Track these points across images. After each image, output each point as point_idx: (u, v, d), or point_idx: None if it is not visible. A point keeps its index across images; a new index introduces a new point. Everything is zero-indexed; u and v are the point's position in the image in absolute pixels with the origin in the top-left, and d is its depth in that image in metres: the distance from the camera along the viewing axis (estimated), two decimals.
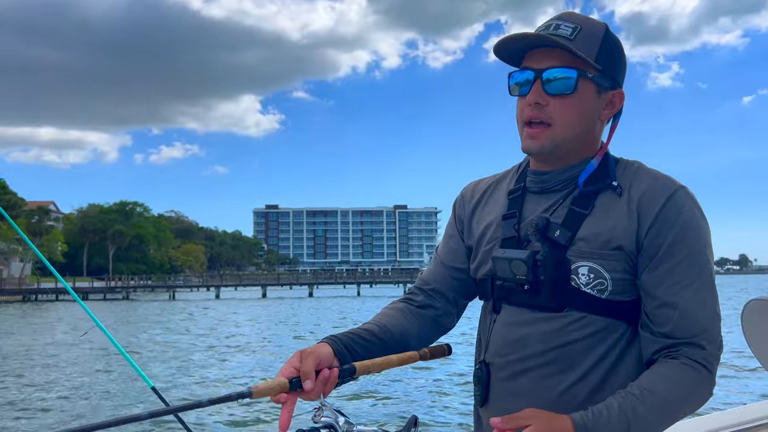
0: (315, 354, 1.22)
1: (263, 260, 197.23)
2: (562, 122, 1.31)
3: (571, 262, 1.29)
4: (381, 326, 1.40)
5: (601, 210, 1.31)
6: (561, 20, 1.34)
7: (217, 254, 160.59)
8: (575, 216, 1.32)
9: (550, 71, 1.31)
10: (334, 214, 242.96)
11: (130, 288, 79.85)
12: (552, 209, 1.35)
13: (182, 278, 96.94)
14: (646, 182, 1.31)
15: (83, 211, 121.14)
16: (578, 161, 1.36)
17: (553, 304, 1.30)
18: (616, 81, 1.36)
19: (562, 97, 1.31)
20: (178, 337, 26.07)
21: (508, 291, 1.36)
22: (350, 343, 1.31)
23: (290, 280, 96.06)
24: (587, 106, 1.33)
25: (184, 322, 34.92)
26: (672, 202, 1.28)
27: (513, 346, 1.34)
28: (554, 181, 1.37)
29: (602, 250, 1.28)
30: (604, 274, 1.28)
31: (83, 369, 17.27)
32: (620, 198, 1.31)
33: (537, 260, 1.30)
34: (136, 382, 14.01)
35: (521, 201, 1.41)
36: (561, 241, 1.30)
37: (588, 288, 1.28)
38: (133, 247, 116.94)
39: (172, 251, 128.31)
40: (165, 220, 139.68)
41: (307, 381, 1.18)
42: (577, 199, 1.33)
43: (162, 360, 18.62)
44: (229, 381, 14.95)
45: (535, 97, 1.31)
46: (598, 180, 1.34)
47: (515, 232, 1.37)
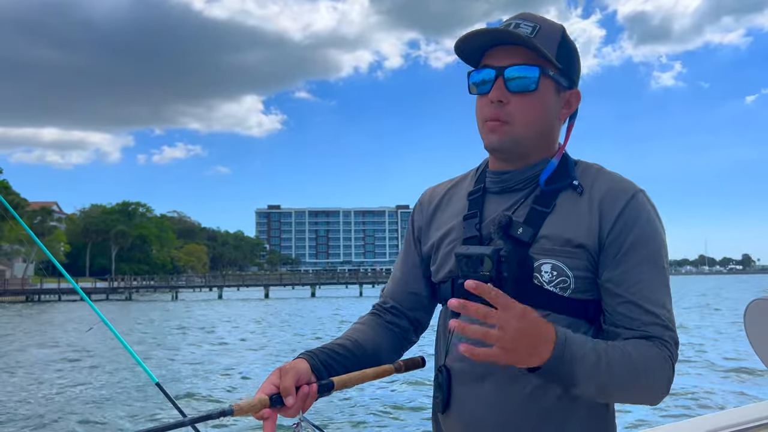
0: (294, 370, 1.24)
1: (265, 260, 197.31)
2: (523, 120, 1.32)
3: (534, 259, 1.29)
4: (353, 341, 1.42)
5: (563, 209, 1.32)
6: (520, 19, 1.35)
7: (219, 254, 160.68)
8: (537, 214, 1.32)
9: (512, 69, 1.31)
10: (336, 215, 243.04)
11: (133, 288, 79.87)
12: (513, 208, 1.35)
13: (185, 278, 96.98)
14: (606, 184, 1.33)
15: (86, 212, 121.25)
16: (537, 161, 1.37)
17: None
18: (573, 80, 1.38)
19: (524, 95, 1.32)
20: (193, 338, 26.02)
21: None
22: (326, 359, 1.33)
23: (293, 280, 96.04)
24: (547, 105, 1.34)
25: (192, 321, 34.88)
26: (633, 203, 1.30)
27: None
28: (515, 181, 1.38)
29: (565, 248, 1.29)
30: (566, 271, 1.28)
31: (92, 366, 17.30)
32: (581, 197, 1.33)
33: (501, 256, 1.26)
34: (141, 377, 14.19)
35: (482, 201, 1.41)
36: (524, 239, 1.30)
37: (551, 286, 1.28)
38: (136, 248, 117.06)
39: (174, 251, 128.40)
40: (167, 221, 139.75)
41: (288, 397, 1.19)
42: (539, 197, 1.34)
43: (168, 358, 18.60)
44: (241, 384, 14.89)
45: (497, 95, 1.31)
46: (558, 179, 1.35)
47: (477, 231, 1.37)
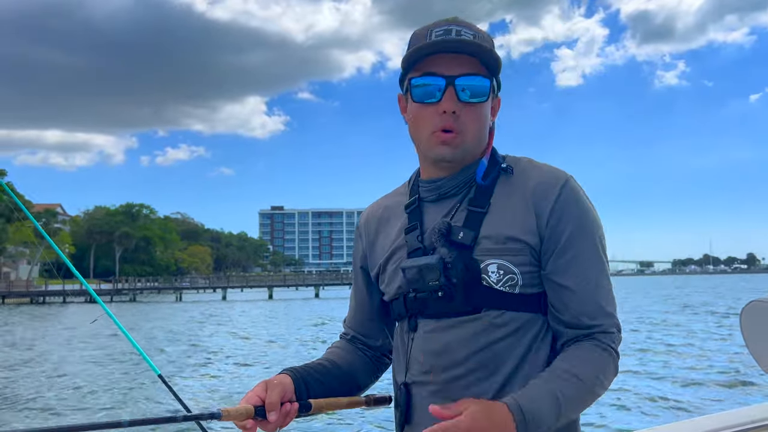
0: (281, 386, 1.28)
1: (269, 261, 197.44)
2: (472, 130, 1.32)
3: (480, 261, 1.29)
4: (331, 362, 1.46)
5: (498, 206, 1.32)
6: (458, 26, 1.32)
7: (223, 256, 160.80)
8: (475, 216, 1.32)
9: (464, 79, 1.30)
10: (339, 215, 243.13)
11: (137, 290, 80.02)
12: (451, 214, 1.35)
13: (189, 280, 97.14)
14: (536, 175, 1.34)
15: (90, 214, 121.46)
16: (469, 164, 1.37)
17: (468, 307, 1.29)
18: (499, 87, 1.39)
19: (474, 106, 1.31)
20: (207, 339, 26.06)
21: (422, 303, 1.33)
22: (307, 377, 1.36)
23: (296, 281, 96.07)
24: (488, 113, 1.36)
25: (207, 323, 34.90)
26: (564, 192, 1.31)
27: (435, 358, 1.31)
28: (448, 186, 1.37)
29: (507, 245, 1.29)
30: (512, 269, 1.28)
31: (96, 362, 17.38)
32: (515, 186, 1.34)
33: (447, 263, 1.29)
34: (146, 372, 14.34)
35: (419, 212, 1.40)
36: (466, 242, 1.30)
37: (500, 285, 1.28)
38: (140, 249, 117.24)
39: (178, 253, 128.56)
40: (171, 222, 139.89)
41: (272, 413, 1.24)
42: (474, 199, 1.34)
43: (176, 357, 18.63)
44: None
45: (451, 106, 1.30)
46: (490, 171, 1.36)
47: (419, 243, 1.36)
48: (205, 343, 24.13)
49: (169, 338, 26.13)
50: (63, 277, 68.61)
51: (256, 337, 26.36)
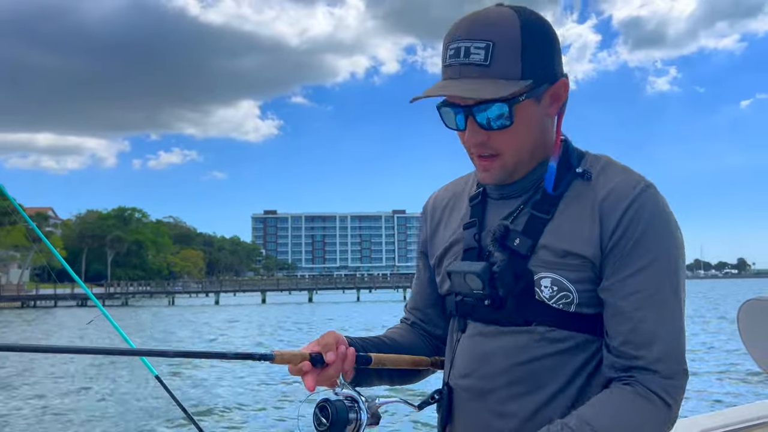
0: (332, 333, 1.23)
1: (261, 266, 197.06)
2: (511, 150, 1.22)
3: (534, 273, 1.20)
4: (391, 339, 1.40)
5: (564, 215, 1.21)
6: (468, 40, 1.16)
7: (215, 260, 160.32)
8: (536, 222, 1.22)
9: (479, 109, 1.18)
10: (333, 220, 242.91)
11: (129, 294, 79.62)
12: (513, 216, 1.26)
13: (181, 284, 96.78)
14: (611, 181, 1.21)
15: (81, 217, 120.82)
16: (535, 165, 1.27)
17: (517, 319, 1.21)
18: (554, 74, 1.22)
19: (503, 130, 1.20)
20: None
21: (470, 307, 1.28)
22: (362, 343, 1.31)
23: (289, 285, 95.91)
24: (531, 122, 1.22)
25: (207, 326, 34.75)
26: (638, 202, 1.17)
27: (477, 363, 1.25)
28: (514, 187, 1.28)
29: (564, 259, 1.18)
30: (568, 286, 1.18)
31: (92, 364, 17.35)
32: (587, 191, 1.21)
33: (494, 272, 1.22)
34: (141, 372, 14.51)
35: (483, 208, 1.32)
36: (521, 251, 1.21)
37: (552, 302, 1.19)
38: (132, 253, 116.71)
39: (170, 257, 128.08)
40: (163, 226, 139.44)
41: (329, 353, 1.18)
42: (539, 202, 1.24)
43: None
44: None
45: (474, 138, 1.21)
46: (562, 176, 1.24)
47: (476, 242, 1.29)
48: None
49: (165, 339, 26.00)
50: (54, 282, 68.17)
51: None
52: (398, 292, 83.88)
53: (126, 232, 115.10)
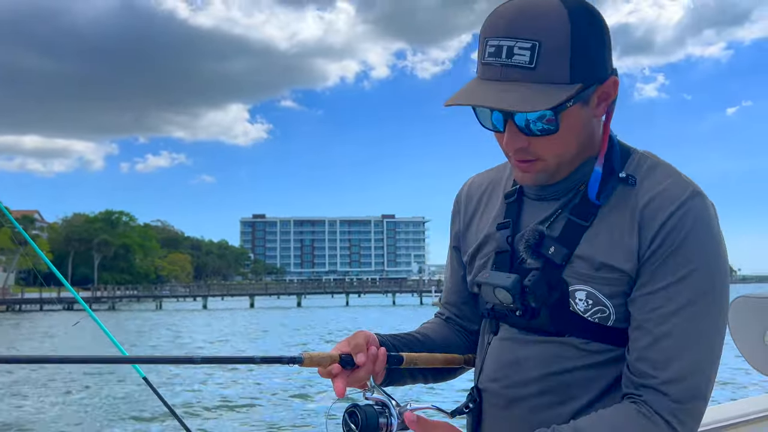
0: (363, 333, 1.18)
1: (250, 270, 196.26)
2: (553, 154, 1.12)
3: (569, 284, 1.12)
4: (424, 335, 1.34)
5: (604, 222, 1.12)
6: (512, 38, 1.04)
7: (203, 264, 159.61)
8: (574, 229, 1.14)
9: (522, 116, 1.08)
10: (322, 224, 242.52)
11: (116, 298, 79.03)
12: (550, 220, 1.18)
13: (168, 288, 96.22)
14: (656, 185, 1.11)
15: (68, 221, 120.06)
16: (578, 166, 1.17)
17: (551, 329, 1.15)
18: (605, 72, 1.11)
19: (546, 136, 1.10)
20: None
21: (501, 314, 1.22)
22: (394, 341, 1.26)
23: (278, 289, 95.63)
24: (578, 127, 1.11)
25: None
26: (683, 210, 1.07)
27: (507, 370, 1.19)
28: (554, 189, 1.19)
29: (600, 272, 1.10)
30: (603, 300, 1.10)
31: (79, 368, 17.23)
32: (630, 196, 1.12)
33: (525, 286, 1.13)
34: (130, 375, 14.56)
35: (518, 207, 1.24)
36: (555, 260, 1.13)
37: (587, 315, 1.11)
38: (119, 257, 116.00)
39: (158, 261, 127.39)
40: (151, 230, 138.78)
41: (359, 354, 1.13)
42: (578, 207, 1.15)
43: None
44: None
45: (513, 143, 1.11)
46: (606, 182, 1.15)
47: (508, 245, 1.21)
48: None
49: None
50: (40, 285, 67.56)
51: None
52: (387, 296, 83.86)
53: (113, 235, 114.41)
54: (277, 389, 15.03)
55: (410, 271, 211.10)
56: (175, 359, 1.07)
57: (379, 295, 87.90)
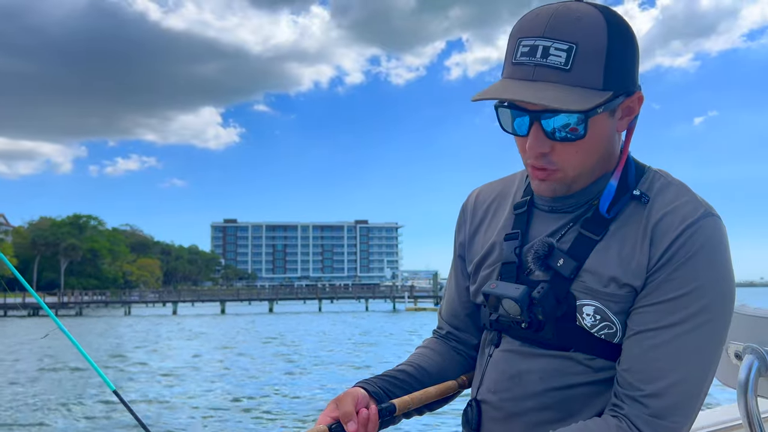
0: (351, 395, 1.15)
1: (221, 275, 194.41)
2: (573, 166, 1.11)
3: (576, 298, 1.11)
4: (416, 366, 1.30)
5: (615, 238, 1.11)
6: (548, 38, 1.03)
7: (173, 269, 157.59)
8: (584, 242, 1.12)
9: (548, 118, 1.05)
10: (294, 229, 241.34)
11: (84, 303, 77.42)
12: (561, 233, 1.16)
13: (138, 293, 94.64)
14: (669, 203, 1.10)
15: (34, 224, 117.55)
16: (594, 181, 1.16)
17: (556, 343, 1.13)
18: (633, 85, 1.10)
19: (571, 143, 1.08)
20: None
21: (506, 325, 1.19)
22: (385, 385, 1.23)
23: (250, 295, 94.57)
24: (602, 137, 1.11)
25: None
26: (694, 227, 1.06)
27: (508, 382, 1.17)
28: (567, 202, 1.18)
29: (609, 288, 1.09)
30: (610, 317, 1.09)
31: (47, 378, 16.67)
32: (641, 214, 1.11)
33: (533, 298, 1.12)
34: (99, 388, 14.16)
35: (528, 219, 1.22)
36: (564, 273, 1.11)
37: (594, 331, 1.10)
38: (87, 262, 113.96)
39: (126, 266, 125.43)
40: (120, 234, 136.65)
41: (349, 423, 1.10)
42: (589, 221, 1.14)
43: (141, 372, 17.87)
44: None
45: (537, 147, 1.08)
46: (619, 197, 1.13)
47: (516, 256, 1.20)
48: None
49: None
50: (4, 290, 65.92)
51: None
52: (360, 302, 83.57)
53: (81, 240, 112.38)
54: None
55: (383, 277, 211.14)
56: None
57: (352, 301, 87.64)
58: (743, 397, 1.42)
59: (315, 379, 18.15)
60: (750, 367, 1.43)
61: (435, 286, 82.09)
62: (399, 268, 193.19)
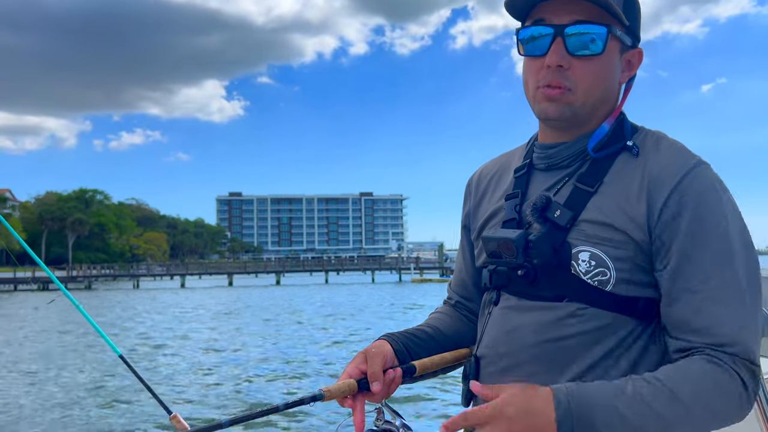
0: (381, 355, 1.23)
1: (227, 248, 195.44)
2: (585, 87, 1.16)
3: (572, 246, 1.15)
4: (434, 328, 1.38)
5: (610, 189, 1.16)
6: None
7: (179, 242, 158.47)
8: (580, 194, 1.18)
9: (574, 27, 1.13)
10: (299, 202, 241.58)
11: (93, 277, 78.07)
12: (557, 187, 1.22)
13: (145, 267, 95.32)
14: (663, 156, 1.14)
15: (41, 199, 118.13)
16: (592, 129, 1.21)
17: (550, 293, 1.16)
18: (636, 38, 1.21)
19: (588, 59, 1.14)
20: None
21: (506, 278, 1.23)
22: (408, 343, 1.30)
23: (256, 268, 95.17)
24: (610, 69, 1.17)
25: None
26: (688, 179, 1.10)
27: (505, 337, 1.21)
28: (561, 156, 1.23)
29: (606, 235, 1.13)
30: (606, 262, 1.12)
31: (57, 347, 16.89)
32: (636, 168, 1.15)
33: (529, 241, 1.17)
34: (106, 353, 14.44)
35: (527, 179, 1.29)
36: (561, 223, 1.16)
37: (588, 277, 1.13)
38: (94, 236, 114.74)
39: (133, 239, 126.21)
40: (126, 208, 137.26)
41: (375, 383, 1.19)
42: (584, 175, 1.19)
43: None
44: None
45: (556, 59, 1.14)
46: (611, 144, 1.20)
47: (516, 213, 1.25)
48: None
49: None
50: (14, 265, 66.51)
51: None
52: (366, 274, 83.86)
53: (87, 214, 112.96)
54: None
55: (388, 249, 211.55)
56: (203, 429, 1.06)
57: (359, 273, 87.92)
58: None
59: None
60: None
61: (440, 257, 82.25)
62: (404, 240, 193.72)
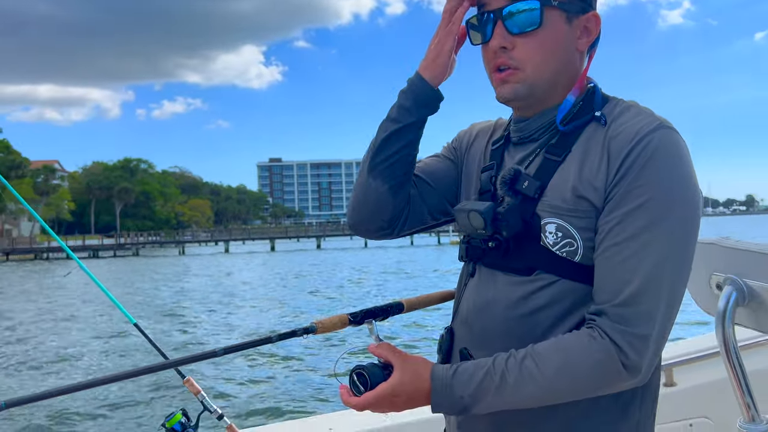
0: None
1: (269, 214, 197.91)
2: (533, 63, 1.17)
3: (541, 217, 1.15)
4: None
5: (576, 157, 1.15)
6: None
7: (223, 209, 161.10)
8: (548, 165, 1.18)
9: (510, 7, 1.15)
10: (338, 166, 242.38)
11: (140, 244, 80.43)
12: (529, 159, 1.22)
13: (190, 233, 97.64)
14: (624, 120, 1.13)
15: (88, 169, 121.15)
16: (558, 102, 1.21)
17: (521, 265, 1.16)
18: (586, 2, 1.19)
19: (528, 35, 1.16)
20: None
21: (480, 251, 1.23)
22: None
23: (298, 233, 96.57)
24: (558, 39, 1.18)
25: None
26: (645, 141, 1.08)
27: (477, 311, 1.22)
28: (531, 129, 1.24)
29: (570, 205, 1.12)
30: (572, 233, 1.12)
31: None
32: (600, 135, 1.14)
33: (498, 213, 1.17)
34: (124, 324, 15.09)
35: (502, 152, 1.30)
36: (529, 193, 1.16)
37: (556, 249, 1.13)
38: (140, 204, 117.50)
39: (178, 207, 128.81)
40: (170, 176, 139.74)
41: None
42: (553, 146, 1.19)
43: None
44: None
45: (498, 41, 1.17)
46: (580, 116, 1.19)
47: (491, 185, 1.26)
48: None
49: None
50: (66, 234, 68.98)
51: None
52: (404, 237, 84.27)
53: (133, 183, 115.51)
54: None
55: None
56: (200, 356, 1.19)
57: None
58: (721, 324, 1.53)
59: None
60: (729, 297, 1.54)
61: None
62: None
